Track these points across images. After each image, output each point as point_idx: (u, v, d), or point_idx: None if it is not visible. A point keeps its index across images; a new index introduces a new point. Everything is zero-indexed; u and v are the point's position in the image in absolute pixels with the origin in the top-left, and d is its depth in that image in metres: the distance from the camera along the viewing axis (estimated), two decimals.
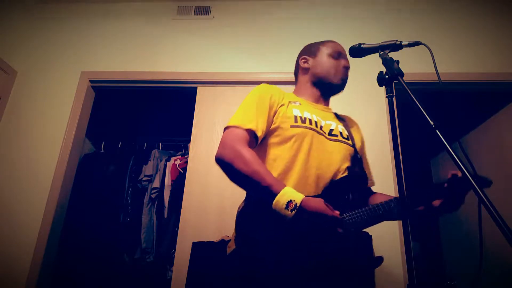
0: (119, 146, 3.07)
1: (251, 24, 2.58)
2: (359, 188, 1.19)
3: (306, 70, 1.29)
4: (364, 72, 2.30)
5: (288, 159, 1.06)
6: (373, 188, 1.30)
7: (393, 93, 0.93)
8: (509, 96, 2.36)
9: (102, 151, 3.02)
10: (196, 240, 1.86)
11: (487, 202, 0.61)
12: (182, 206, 2.06)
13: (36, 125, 2.32)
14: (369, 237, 1.83)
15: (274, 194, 0.92)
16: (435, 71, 0.92)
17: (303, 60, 1.31)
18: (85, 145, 2.91)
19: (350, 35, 2.47)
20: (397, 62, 0.93)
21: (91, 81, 2.45)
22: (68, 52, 2.55)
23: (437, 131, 0.75)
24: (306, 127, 1.10)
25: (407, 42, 0.98)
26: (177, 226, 2.04)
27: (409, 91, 0.84)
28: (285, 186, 0.94)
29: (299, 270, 0.91)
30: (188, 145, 2.39)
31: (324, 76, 1.24)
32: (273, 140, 1.10)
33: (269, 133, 1.11)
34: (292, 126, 1.09)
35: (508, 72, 2.26)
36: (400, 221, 1.92)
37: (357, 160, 1.17)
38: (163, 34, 2.58)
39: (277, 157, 1.07)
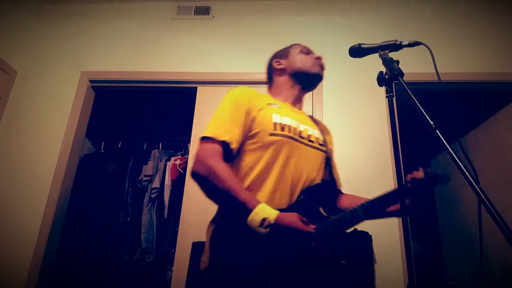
0: (119, 146, 3.07)
1: (251, 24, 2.58)
2: (331, 193, 1.20)
3: (282, 71, 1.29)
4: (364, 72, 2.30)
5: (264, 168, 1.04)
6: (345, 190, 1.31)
7: (393, 93, 0.93)
8: (509, 96, 2.36)
9: (102, 151, 3.02)
10: (196, 240, 1.86)
11: (487, 202, 0.61)
12: (182, 206, 2.06)
13: (36, 125, 2.32)
14: (369, 237, 1.84)
15: (249, 211, 0.91)
16: (435, 71, 0.92)
17: (277, 63, 1.31)
18: (85, 145, 2.91)
19: (350, 35, 2.47)
20: (397, 62, 0.93)
21: (91, 81, 2.45)
22: (68, 52, 2.55)
23: (437, 131, 0.75)
24: (285, 136, 1.08)
25: (407, 42, 0.98)
26: (177, 226, 2.04)
27: (409, 91, 0.84)
28: (260, 202, 0.94)
29: (277, 281, 0.92)
30: (188, 145, 2.39)
31: (303, 69, 1.26)
32: (250, 147, 1.08)
33: (246, 138, 1.09)
34: (271, 134, 1.07)
35: (508, 72, 2.26)
36: (400, 221, 1.92)
37: (329, 166, 1.19)
38: (163, 34, 2.58)
39: (254, 165, 1.05)
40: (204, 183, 0.99)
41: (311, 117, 1.32)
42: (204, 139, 1.04)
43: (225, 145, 1.03)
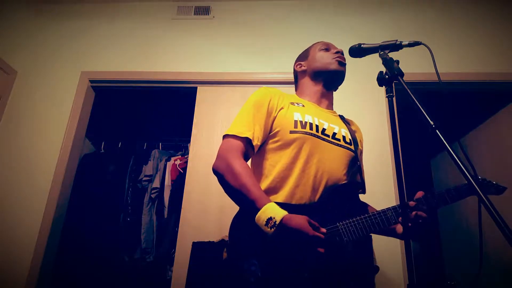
0: (119, 146, 3.07)
1: (251, 24, 2.58)
2: (356, 196, 1.16)
3: (303, 73, 1.31)
4: (364, 72, 2.30)
5: (286, 166, 1.05)
6: (363, 197, 1.26)
7: (393, 93, 0.93)
8: (509, 96, 2.36)
9: (102, 151, 3.02)
10: (196, 240, 1.86)
11: (487, 202, 0.61)
12: (182, 206, 2.06)
13: (36, 125, 2.32)
14: (369, 237, 1.83)
15: (257, 209, 0.92)
16: (435, 71, 0.92)
17: (298, 66, 1.34)
18: (85, 145, 2.91)
19: (350, 35, 2.47)
20: (397, 62, 0.93)
21: (91, 81, 2.45)
22: (68, 52, 2.55)
23: (437, 131, 0.75)
24: (306, 133, 1.07)
25: (407, 42, 0.98)
26: (177, 226, 2.04)
27: (409, 91, 0.84)
28: (269, 201, 0.94)
29: (288, 281, 0.91)
30: (188, 145, 2.39)
31: (322, 67, 1.25)
32: (272, 145, 1.09)
33: (268, 137, 1.11)
34: (291, 132, 1.07)
35: (508, 72, 2.26)
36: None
37: (357, 167, 1.15)
38: (163, 34, 2.58)
39: (276, 162, 1.07)
40: (221, 179, 1.02)
41: (341, 116, 1.30)
42: (226, 136, 1.07)
43: (246, 142, 1.05)
